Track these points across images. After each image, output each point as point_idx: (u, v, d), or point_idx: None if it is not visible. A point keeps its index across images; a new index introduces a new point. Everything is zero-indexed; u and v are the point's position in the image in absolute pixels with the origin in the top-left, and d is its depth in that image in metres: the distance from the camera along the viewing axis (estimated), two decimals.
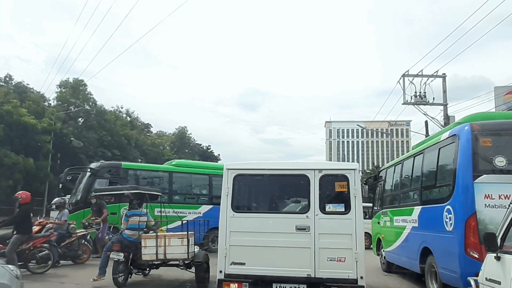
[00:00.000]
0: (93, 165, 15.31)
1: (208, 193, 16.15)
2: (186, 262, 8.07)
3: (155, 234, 8.17)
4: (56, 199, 11.96)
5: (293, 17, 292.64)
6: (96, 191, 11.47)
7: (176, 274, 9.20)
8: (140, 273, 8.80)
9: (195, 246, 8.41)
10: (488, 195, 6.11)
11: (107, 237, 12.27)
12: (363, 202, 6.26)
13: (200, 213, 14.75)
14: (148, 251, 7.86)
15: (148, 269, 8.70)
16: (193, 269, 8.20)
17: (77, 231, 11.34)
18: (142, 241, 7.98)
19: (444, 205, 6.81)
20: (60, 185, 15.38)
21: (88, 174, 14.48)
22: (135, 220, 8.44)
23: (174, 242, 7.87)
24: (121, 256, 7.96)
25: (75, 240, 11.18)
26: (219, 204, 12.89)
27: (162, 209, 14.03)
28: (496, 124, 6.86)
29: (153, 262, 8.11)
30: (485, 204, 6.09)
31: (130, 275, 8.45)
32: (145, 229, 8.56)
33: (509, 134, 6.54)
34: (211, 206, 15.04)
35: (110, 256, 8.13)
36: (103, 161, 16.51)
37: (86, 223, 12.04)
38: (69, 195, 16.09)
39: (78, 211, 13.56)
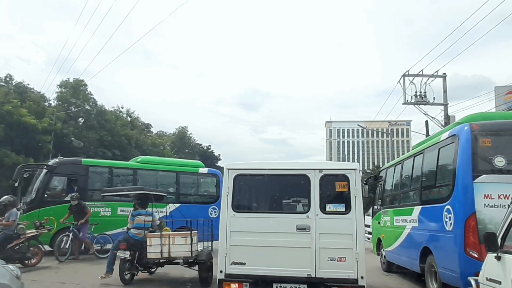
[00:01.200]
0: (51, 162, 14.30)
1: (175, 191, 15.40)
2: (190, 260, 8.22)
3: (160, 233, 8.36)
4: (5, 197, 10.80)
5: (293, 17, 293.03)
6: (103, 192, 11.18)
7: (180, 272, 9.32)
8: (146, 271, 8.96)
9: (199, 245, 8.57)
10: (488, 195, 6.14)
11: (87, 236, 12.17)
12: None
13: (166, 212, 14.50)
14: (153, 249, 8.07)
15: (153, 267, 8.87)
16: (197, 267, 8.37)
17: (27, 232, 10.48)
18: (148, 240, 8.20)
19: (443, 205, 6.84)
20: (16, 184, 13.88)
21: (44, 171, 13.45)
22: (141, 220, 8.69)
23: (178, 241, 8.05)
24: (127, 254, 8.21)
25: (23, 242, 10.34)
26: (187, 203, 12.88)
27: (125, 208, 13.46)
28: (495, 124, 6.88)
29: (158, 260, 8.28)
30: (485, 204, 6.11)
31: (136, 273, 8.65)
32: (150, 229, 8.78)
33: (508, 134, 6.56)
34: (178, 204, 14.32)
35: (117, 254, 8.35)
36: (61, 157, 15.39)
37: (38, 223, 11.06)
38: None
39: (33, 211, 12.63)
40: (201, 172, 16.22)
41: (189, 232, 8.18)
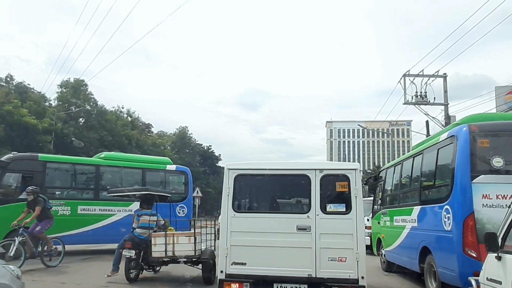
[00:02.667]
0: (4, 157, 13.24)
1: None
2: (193, 259, 8.39)
3: (164, 232, 8.57)
4: None
5: (293, 16, 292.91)
6: (109, 192, 11.06)
7: (183, 271, 9.45)
8: (151, 270, 9.09)
9: (202, 244, 8.71)
10: (486, 195, 6.17)
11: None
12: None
13: (131, 210, 13.40)
14: (158, 248, 8.25)
15: (158, 266, 9.00)
16: (200, 266, 8.55)
17: None
18: (152, 239, 8.38)
19: (442, 205, 6.88)
20: None
21: None
22: (146, 219, 8.85)
23: (182, 240, 8.24)
24: (132, 253, 8.35)
25: None
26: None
27: (86, 207, 13.29)
28: (493, 125, 6.92)
29: (163, 259, 8.42)
30: (483, 204, 6.15)
31: (141, 271, 8.80)
32: (155, 228, 8.94)
33: (506, 135, 6.60)
34: None
35: (123, 253, 8.48)
36: (15, 152, 14.17)
37: None
38: None
39: None
40: (169, 169, 15.70)
41: (193, 231, 8.40)
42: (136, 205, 13.22)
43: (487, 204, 6.14)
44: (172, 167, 15.94)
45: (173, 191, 15.44)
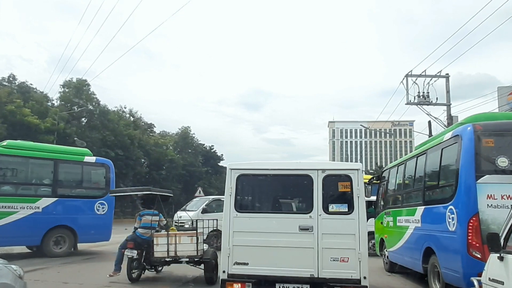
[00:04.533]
0: None
1: (51, 183, 12.88)
2: (195, 259, 8.38)
3: (166, 232, 8.58)
4: None
5: (296, 16, 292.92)
6: (111, 192, 10.82)
7: (185, 271, 9.44)
8: (153, 270, 9.10)
9: (204, 244, 8.73)
10: (491, 195, 6.13)
11: None
12: None
13: (38, 207, 12.11)
14: (160, 248, 8.25)
15: (160, 266, 9.02)
16: (202, 266, 8.56)
17: None
18: (154, 239, 8.37)
19: (446, 205, 6.83)
20: None
21: None
22: (148, 219, 8.86)
23: (184, 240, 8.24)
24: (134, 253, 8.39)
25: None
26: (66, 197, 11.41)
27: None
28: (498, 124, 6.86)
29: (165, 259, 8.42)
30: (488, 204, 6.11)
31: (143, 272, 8.81)
32: (157, 228, 8.95)
33: (511, 134, 6.55)
34: (54, 199, 12.47)
35: (125, 253, 8.50)
36: None
37: None
38: None
39: None
40: (87, 161, 13.83)
41: (195, 231, 8.37)
42: (45, 201, 12.28)
43: (492, 205, 6.09)
44: (92, 159, 14.15)
45: (92, 185, 14.16)
